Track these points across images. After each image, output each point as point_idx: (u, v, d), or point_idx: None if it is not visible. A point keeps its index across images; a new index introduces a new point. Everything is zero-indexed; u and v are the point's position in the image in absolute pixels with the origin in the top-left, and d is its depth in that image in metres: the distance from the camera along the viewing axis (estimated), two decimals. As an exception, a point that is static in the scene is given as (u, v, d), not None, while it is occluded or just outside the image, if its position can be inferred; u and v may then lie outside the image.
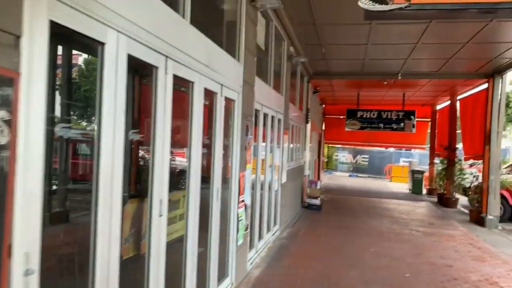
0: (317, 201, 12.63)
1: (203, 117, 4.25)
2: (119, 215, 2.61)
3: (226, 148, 5.17)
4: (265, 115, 7.15)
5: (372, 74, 12.83)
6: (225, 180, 5.17)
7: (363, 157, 29.88)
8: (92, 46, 2.42)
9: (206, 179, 4.56)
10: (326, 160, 30.27)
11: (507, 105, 37.08)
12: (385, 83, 13.27)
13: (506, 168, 14.92)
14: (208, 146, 4.47)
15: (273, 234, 8.21)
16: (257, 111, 6.52)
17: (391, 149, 29.64)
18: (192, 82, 3.75)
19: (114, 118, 2.51)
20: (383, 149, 29.83)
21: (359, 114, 17.67)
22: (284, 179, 9.04)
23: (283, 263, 6.77)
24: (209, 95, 4.43)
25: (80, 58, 4.19)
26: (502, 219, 12.15)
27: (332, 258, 7.26)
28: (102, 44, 2.42)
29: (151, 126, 3.08)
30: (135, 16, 2.70)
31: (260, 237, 7.20)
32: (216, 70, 4.28)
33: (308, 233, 9.29)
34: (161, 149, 3.16)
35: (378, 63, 11.53)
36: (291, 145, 10.81)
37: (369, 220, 11.45)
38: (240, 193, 5.38)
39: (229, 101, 5.07)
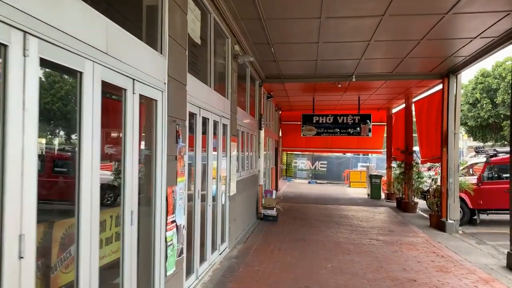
0: (273, 212, 11.84)
1: (108, 119, 3.34)
2: None
3: (149, 158, 4.25)
4: (205, 120, 6.27)
5: (326, 76, 12.28)
6: (148, 198, 4.25)
7: (321, 163, 29.55)
8: None
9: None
10: (285, 167, 29.73)
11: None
12: (340, 85, 12.75)
13: (463, 170, 14.75)
14: (115, 157, 3.54)
15: (220, 254, 7.29)
16: (193, 114, 5.64)
17: (349, 155, 29.51)
18: (80, 72, 2.83)
19: None
20: (341, 154, 29.67)
21: (315, 119, 17.15)
22: (233, 191, 8.17)
23: (229, 289, 5.88)
24: (117, 92, 3.52)
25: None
26: (461, 222, 11.85)
27: (284, 279, 6.43)
28: None
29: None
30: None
31: (202, 260, 6.28)
32: (123, 60, 3.38)
33: (261, 248, 8.44)
34: (19, 161, 2.22)
35: (331, 64, 10.96)
36: (243, 153, 9.99)
37: (327, 230, 10.76)
38: (168, 212, 4.46)
39: (149, 101, 4.17)
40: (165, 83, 4.37)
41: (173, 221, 4.62)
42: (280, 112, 20.57)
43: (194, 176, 5.75)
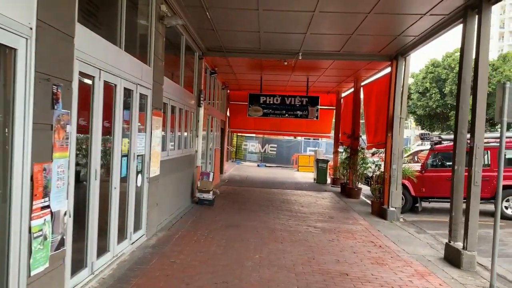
0: (209, 196, 11.00)
1: None
2: None
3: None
4: (109, 86, 5.26)
5: (271, 52, 11.45)
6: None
7: (271, 147, 29.05)
8: None
9: None
10: (234, 149, 28.99)
11: (408, 97, 38.85)
12: (286, 63, 11.98)
13: (407, 156, 14.54)
14: None
15: (132, 243, 6.36)
16: (86, 76, 4.61)
17: (299, 138, 29.17)
18: None
19: None
20: (291, 138, 29.28)
21: (262, 99, 16.40)
22: (155, 172, 7.23)
23: (130, 287, 4.98)
24: None
25: None
26: (403, 210, 11.56)
27: (201, 273, 5.62)
28: None
29: None
30: None
31: (103, 251, 5.34)
32: None
33: (185, 236, 7.59)
34: None
35: (276, 38, 10.14)
36: (172, 132, 9.02)
37: (265, 216, 10.09)
38: (36, 196, 3.49)
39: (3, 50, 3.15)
40: (31, 28, 3.35)
41: (46, 207, 3.65)
42: (228, 91, 19.62)
43: (90, 152, 4.76)
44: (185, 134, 10.32)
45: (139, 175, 6.54)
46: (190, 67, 11.04)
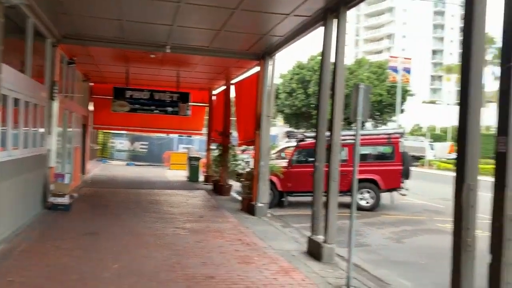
0: (65, 200, 9.83)
1: None
2: None
3: None
4: None
5: (136, 43, 10.70)
6: None
7: (142, 144, 27.76)
8: None
9: None
10: (99, 147, 26.99)
11: (276, 97, 40.83)
12: (153, 56, 11.37)
13: (275, 153, 15.03)
14: None
15: (-45, 263, 5.23)
16: None
17: (172, 136, 28.40)
18: None
19: None
20: (163, 135, 28.36)
21: (128, 93, 15.37)
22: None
23: None
24: None
25: None
26: (271, 205, 11.85)
27: (46, 293, 4.86)
28: None
29: None
30: None
31: None
32: None
33: (31, 248, 6.56)
34: None
35: (141, 28, 9.49)
36: (16, 128, 7.79)
37: (129, 220, 9.38)
38: None
39: None
40: None
41: None
42: (91, 83, 18.03)
43: None
44: (35, 130, 9.03)
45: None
46: (41, 56, 9.72)
